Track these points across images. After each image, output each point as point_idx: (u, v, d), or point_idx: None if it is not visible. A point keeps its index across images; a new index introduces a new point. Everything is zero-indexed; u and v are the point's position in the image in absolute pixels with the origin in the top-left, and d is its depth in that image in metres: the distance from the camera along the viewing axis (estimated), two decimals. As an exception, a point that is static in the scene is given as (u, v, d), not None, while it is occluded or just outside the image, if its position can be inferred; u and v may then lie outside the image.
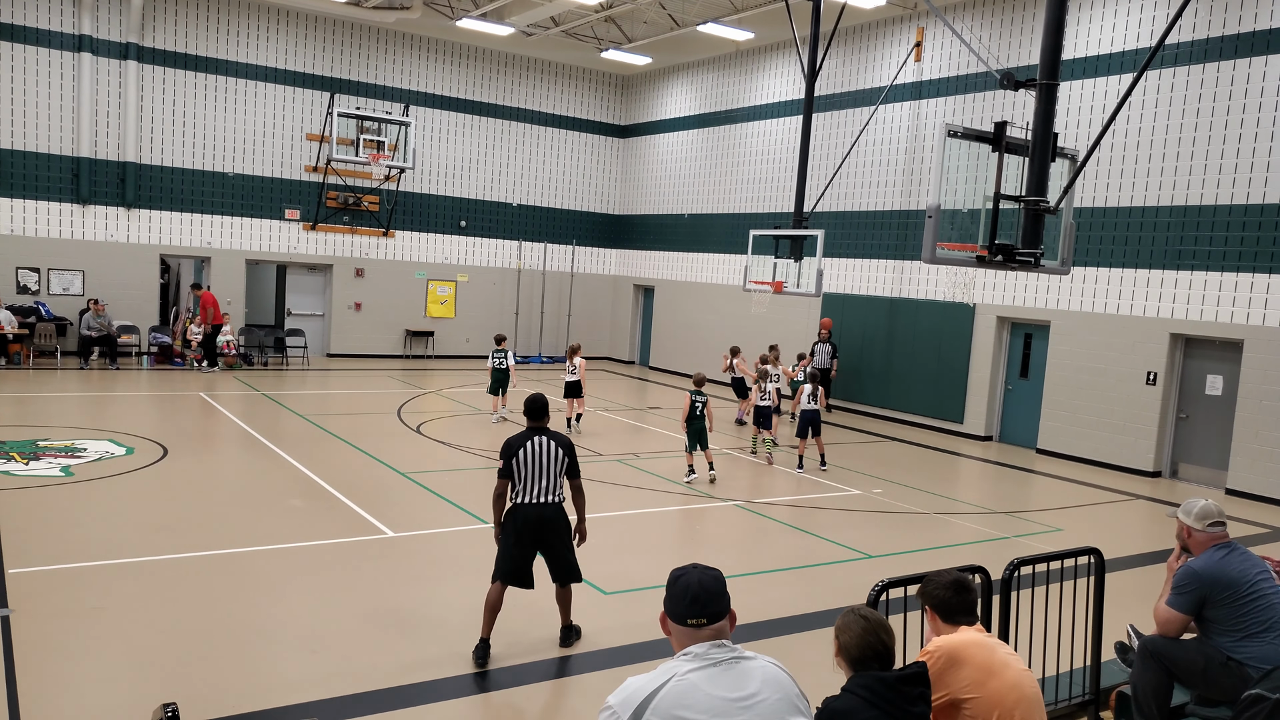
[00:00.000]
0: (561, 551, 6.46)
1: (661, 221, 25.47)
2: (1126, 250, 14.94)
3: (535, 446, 6.30)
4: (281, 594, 7.43)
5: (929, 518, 11.24)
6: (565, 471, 6.42)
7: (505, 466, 6.30)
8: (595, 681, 6.15)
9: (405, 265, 23.99)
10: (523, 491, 6.30)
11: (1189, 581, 4.91)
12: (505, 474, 6.32)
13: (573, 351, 15.45)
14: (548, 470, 6.30)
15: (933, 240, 9.14)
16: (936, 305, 17.81)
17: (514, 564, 6.33)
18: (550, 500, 6.33)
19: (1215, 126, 13.78)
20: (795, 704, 2.84)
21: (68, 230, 20.02)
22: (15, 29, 19.15)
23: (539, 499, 6.30)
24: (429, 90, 23.81)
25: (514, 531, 6.31)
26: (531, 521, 6.30)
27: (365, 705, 5.61)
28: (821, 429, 13.72)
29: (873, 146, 19.12)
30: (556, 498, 6.37)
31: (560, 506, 6.40)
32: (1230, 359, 13.90)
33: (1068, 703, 5.66)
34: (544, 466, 6.29)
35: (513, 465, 6.28)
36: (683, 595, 2.90)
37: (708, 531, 10.10)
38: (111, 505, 9.57)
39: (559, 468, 6.36)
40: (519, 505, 6.32)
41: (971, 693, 3.62)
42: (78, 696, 5.54)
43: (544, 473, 6.29)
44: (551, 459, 6.32)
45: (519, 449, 6.28)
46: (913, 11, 18.33)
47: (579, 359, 15.32)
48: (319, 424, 14.59)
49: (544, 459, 6.30)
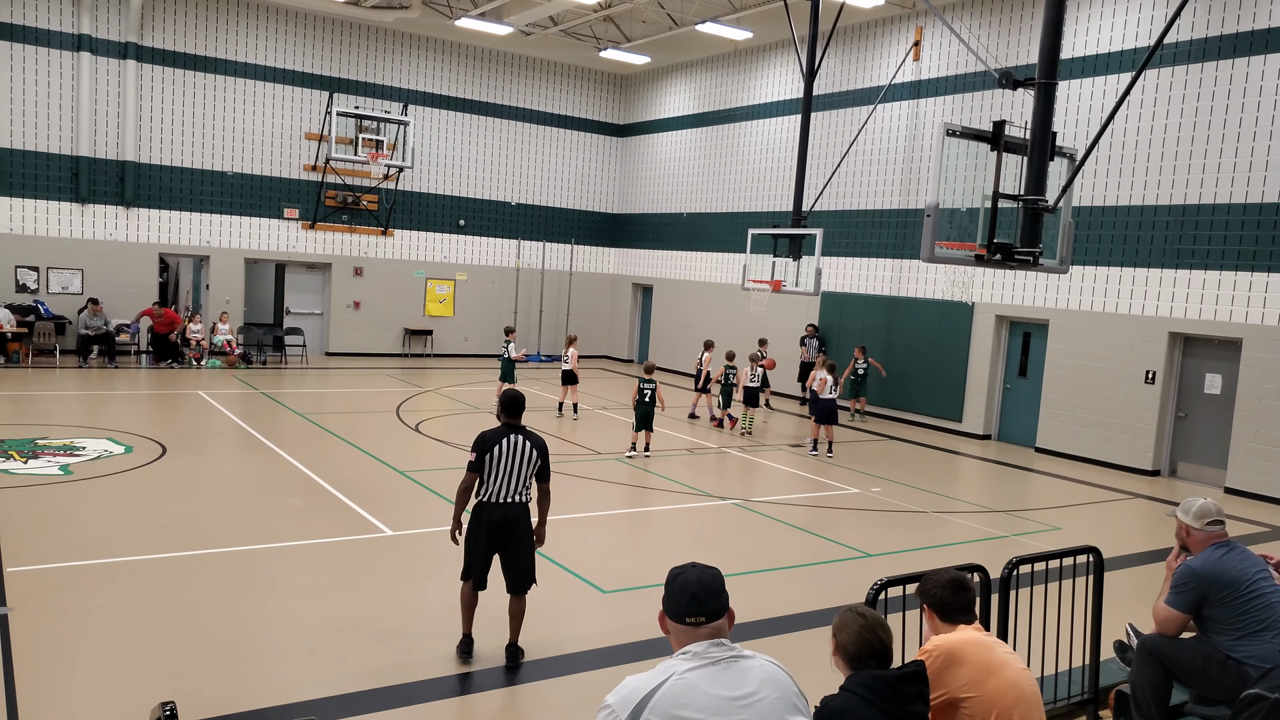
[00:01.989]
0: (520, 555, 6.27)
1: (660, 220, 25.47)
2: (1125, 249, 14.94)
3: (510, 444, 6.13)
4: (280, 593, 7.42)
5: (928, 516, 11.24)
6: (536, 473, 6.27)
7: (477, 460, 6.11)
8: (594, 680, 6.14)
9: (404, 264, 23.99)
10: (491, 490, 6.15)
11: (1188, 580, 4.91)
12: (476, 468, 6.13)
13: (569, 342, 16.81)
14: (519, 470, 6.15)
15: (931, 239, 9.15)
16: (935, 304, 17.82)
17: (475, 562, 6.26)
18: (517, 500, 6.19)
19: (1214, 125, 13.79)
20: (794, 703, 2.84)
21: (67, 229, 20.01)
22: (15, 29, 19.14)
23: (507, 498, 6.16)
24: (428, 89, 23.80)
25: (479, 530, 6.21)
26: (496, 521, 6.17)
27: (363, 704, 5.61)
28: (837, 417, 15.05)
29: (871, 146, 19.12)
30: (524, 498, 6.23)
31: (526, 507, 6.26)
32: (1229, 358, 13.91)
33: (1066, 701, 5.67)
34: (516, 466, 6.13)
35: (485, 460, 6.10)
36: (681, 593, 2.89)
37: (707, 530, 10.10)
38: (110, 504, 9.56)
39: (530, 469, 6.21)
40: (486, 503, 6.19)
41: (970, 692, 3.61)
42: (76, 695, 5.54)
43: (515, 472, 6.13)
44: (525, 459, 6.16)
45: (494, 445, 6.11)
46: (911, 11, 18.33)
47: (572, 349, 16.58)
48: (317, 422, 14.58)
49: (517, 458, 6.13)
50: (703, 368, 17.48)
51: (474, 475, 6.17)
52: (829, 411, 14.44)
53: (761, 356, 17.53)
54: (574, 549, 8.92)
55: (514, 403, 6.34)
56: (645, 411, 13.63)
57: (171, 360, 19.75)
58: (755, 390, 16.44)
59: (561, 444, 14.22)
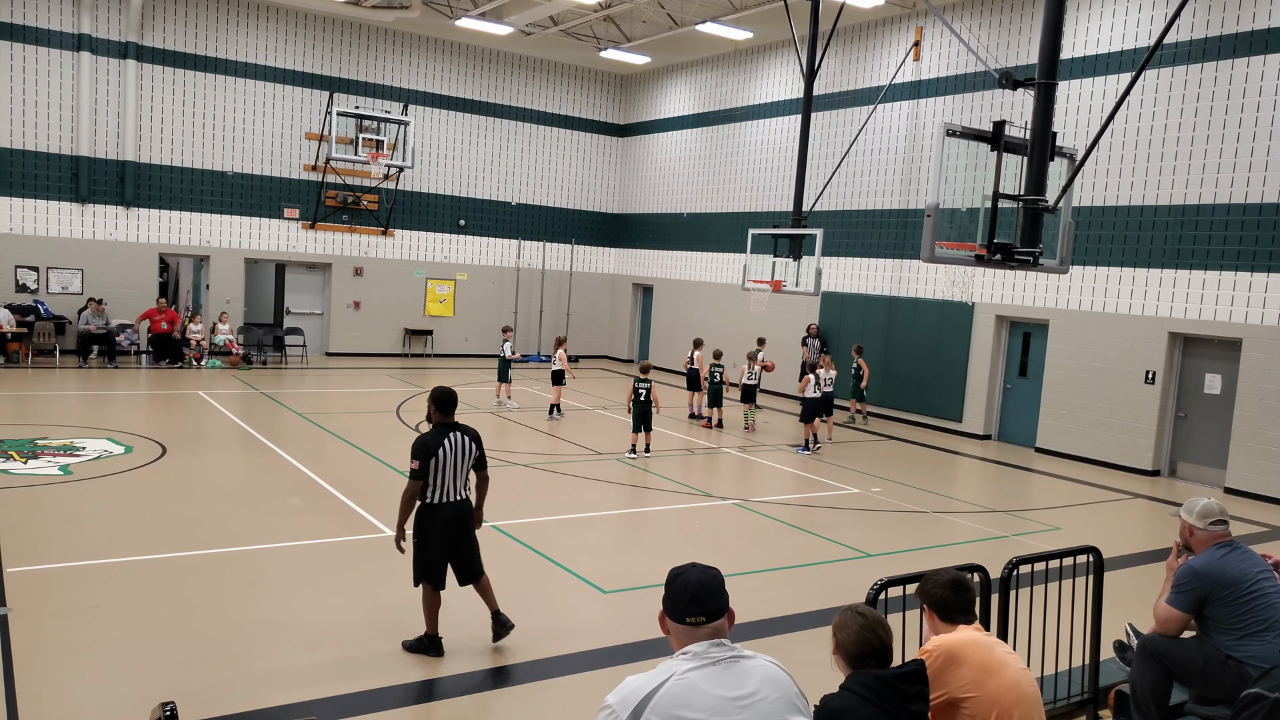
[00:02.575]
0: (468, 551, 6.38)
1: (660, 220, 25.48)
2: (1125, 249, 14.94)
3: (452, 444, 6.21)
4: (280, 592, 7.42)
5: (928, 516, 11.25)
6: (474, 464, 6.38)
7: (421, 468, 6.13)
8: (594, 680, 6.14)
9: (404, 264, 23.99)
10: (440, 490, 6.21)
11: (1190, 580, 4.90)
12: (420, 475, 6.15)
13: (558, 343, 17.12)
14: (463, 466, 6.27)
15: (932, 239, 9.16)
16: (935, 304, 17.82)
17: (436, 563, 6.27)
18: (464, 496, 6.32)
19: (1214, 125, 13.79)
20: (794, 703, 2.84)
21: (67, 229, 20.01)
22: (15, 28, 19.14)
23: (456, 496, 6.26)
24: (428, 89, 23.80)
25: (434, 531, 6.23)
26: (452, 520, 6.24)
27: (364, 704, 5.61)
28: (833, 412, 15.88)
29: (871, 146, 19.12)
30: (468, 492, 6.38)
31: (470, 500, 6.42)
32: (1229, 358, 13.91)
33: (1066, 701, 5.67)
34: (460, 462, 6.24)
35: (430, 466, 6.15)
36: (682, 593, 2.89)
37: (707, 530, 10.10)
38: (110, 504, 9.56)
39: (470, 462, 6.33)
40: (437, 504, 6.23)
41: (970, 692, 3.62)
42: (76, 695, 5.54)
43: (460, 469, 6.25)
44: (466, 454, 6.27)
45: (438, 448, 6.15)
46: (911, 11, 18.33)
47: (561, 350, 16.85)
48: (318, 422, 14.58)
49: (460, 455, 6.24)
50: (697, 366, 17.59)
51: (419, 483, 6.19)
52: (812, 410, 15.12)
53: (759, 355, 17.61)
54: (574, 549, 8.93)
55: (448, 400, 6.38)
56: (642, 411, 13.64)
57: (170, 360, 19.72)
58: (753, 388, 16.74)
59: (562, 444, 14.23)
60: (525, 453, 13.31)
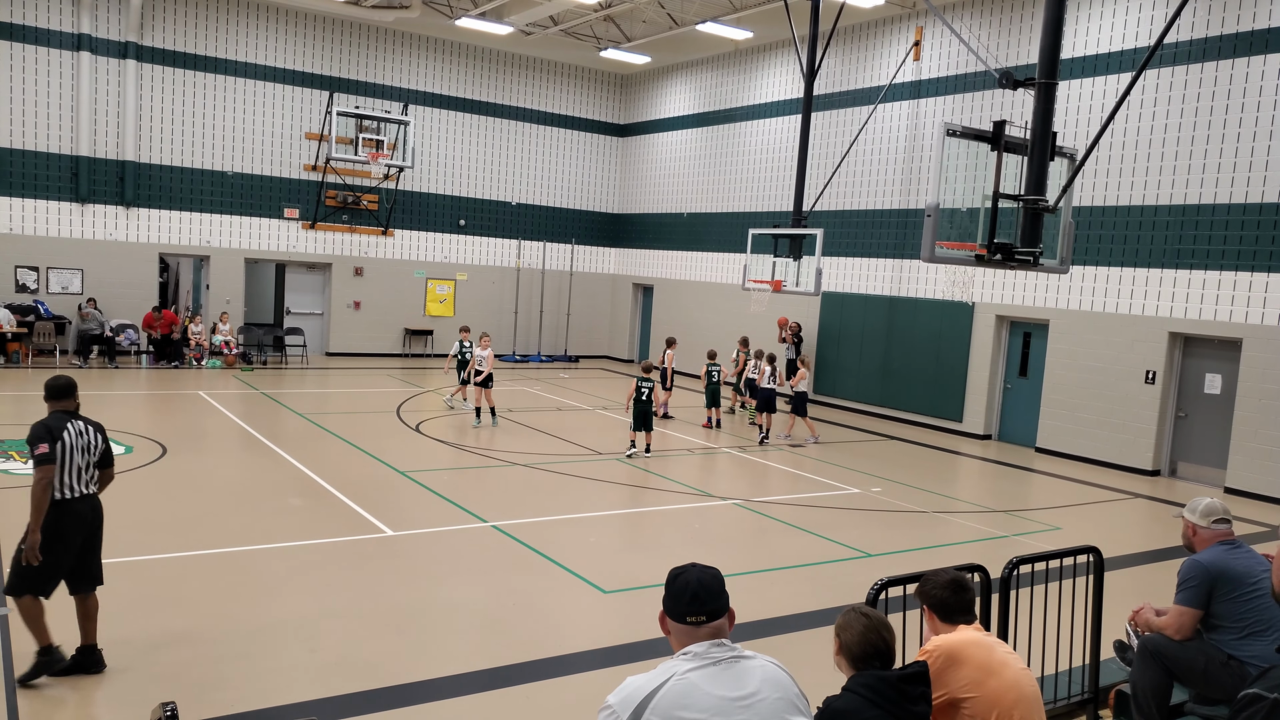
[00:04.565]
0: (97, 550, 5.88)
1: (660, 220, 25.47)
2: (1125, 249, 14.94)
3: (76, 431, 5.68)
4: (280, 593, 7.42)
5: (928, 516, 11.24)
6: (100, 459, 5.84)
7: (51, 451, 5.47)
8: (594, 680, 6.14)
9: (404, 264, 23.99)
10: (68, 484, 5.61)
11: (1194, 574, 4.87)
12: (52, 459, 5.46)
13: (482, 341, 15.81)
14: (89, 459, 5.74)
15: (932, 239, 9.16)
16: (935, 304, 17.82)
17: (54, 569, 5.60)
18: (92, 491, 5.80)
19: (1214, 125, 13.79)
20: (795, 703, 2.84)
21: (66, 229, 20.01)
22: (15, 28, 19.14)
23: (85, 490, 5.73)
24: (428, 89, 23.80)
25: (62, 532, 5.59)
26: (86, 517, 5.70)
27: (364, 704, 5.61)
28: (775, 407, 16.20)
29: (872, 146, 19.12)
30: (95, 488, 5.86)
31: (98, 497, 5.90)
32: (1229, 358, 13.91)
33: (1066, 701, 5.67)
34: (88, 454, 5.73)
35: (57, 450, 5.51)
36: (682, 593, 2.89)
37: (707, 530, 10.10)
38: (110, 504, 9.48)
39: (96, 455, 5.81)
40: (68, 500, 5.61)
41: (970, 692, 3.61)
42: (76, 696, 5.53)
43: (88, 461, 5.73)
44: (93, 445, 5.78)
45: (62, 432, 5.59)
46: (911, 11, 18.33)
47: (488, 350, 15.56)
48: (318, 423, 14.58)
49: (87, 445, 5.73)
50: (666, 365, 17.81)
51: (52, 468, 5.51)
52: (768, 400, 15.83)
53: (747, 354, 17.74)
54: (574, 549, 8.93)
55: (67, 387, 5.87)
56: (643, 410, 13.64)
57: (170, 360, 19.72)
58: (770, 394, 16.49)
59: (561, 444, 14.22)
60: (526, 453, 13.31)
